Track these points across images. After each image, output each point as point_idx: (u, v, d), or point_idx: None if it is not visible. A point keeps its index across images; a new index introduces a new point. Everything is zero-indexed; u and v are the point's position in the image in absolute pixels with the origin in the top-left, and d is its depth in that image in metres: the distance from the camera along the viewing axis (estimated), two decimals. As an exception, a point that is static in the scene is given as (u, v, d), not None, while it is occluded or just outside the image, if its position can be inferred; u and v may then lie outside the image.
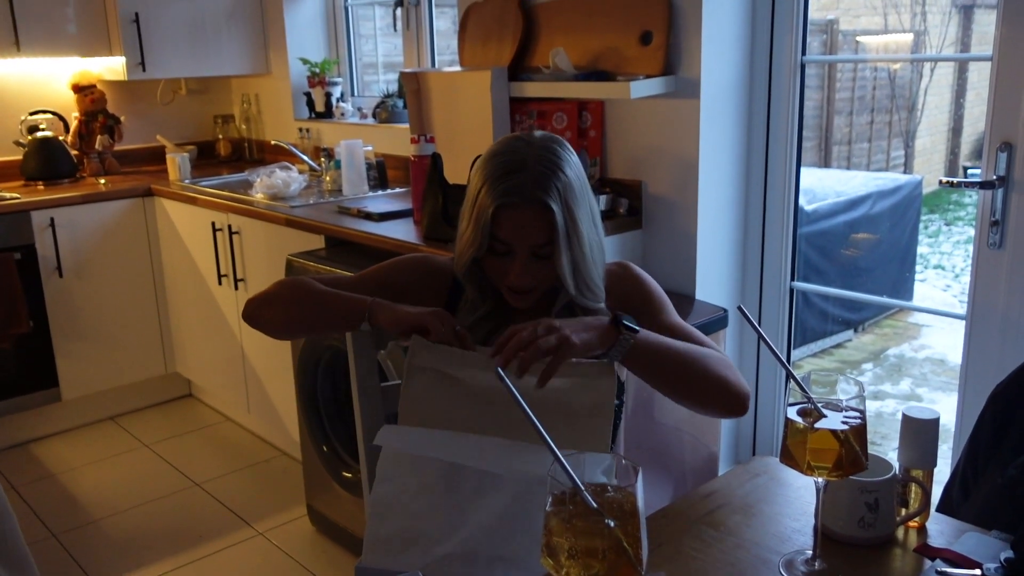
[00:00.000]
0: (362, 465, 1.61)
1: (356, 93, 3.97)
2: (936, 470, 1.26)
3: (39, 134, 3.69)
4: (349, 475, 2.59)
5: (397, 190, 3.23)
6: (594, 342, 1.20)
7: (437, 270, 1.49)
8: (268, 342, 3.13)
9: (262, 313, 1.46)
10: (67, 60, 3.78)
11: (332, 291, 1.42)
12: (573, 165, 1.34)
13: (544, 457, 1.14)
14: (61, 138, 3.78)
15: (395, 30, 3.61)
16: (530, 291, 1.37)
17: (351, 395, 1.57)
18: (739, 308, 1.20)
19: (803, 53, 2.31)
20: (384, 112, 3.50)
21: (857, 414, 1.06)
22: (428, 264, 1.50)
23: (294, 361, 2.70)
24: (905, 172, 4.60)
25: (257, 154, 4.20)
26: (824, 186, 3.97)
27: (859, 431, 1.05)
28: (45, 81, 3.84)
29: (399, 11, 3.53)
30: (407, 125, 3.20)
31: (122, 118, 3.92)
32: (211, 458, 3.36)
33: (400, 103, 3.46)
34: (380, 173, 3.30)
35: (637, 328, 1.24)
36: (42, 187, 3.60)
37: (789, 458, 1.09)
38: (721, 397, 1.30)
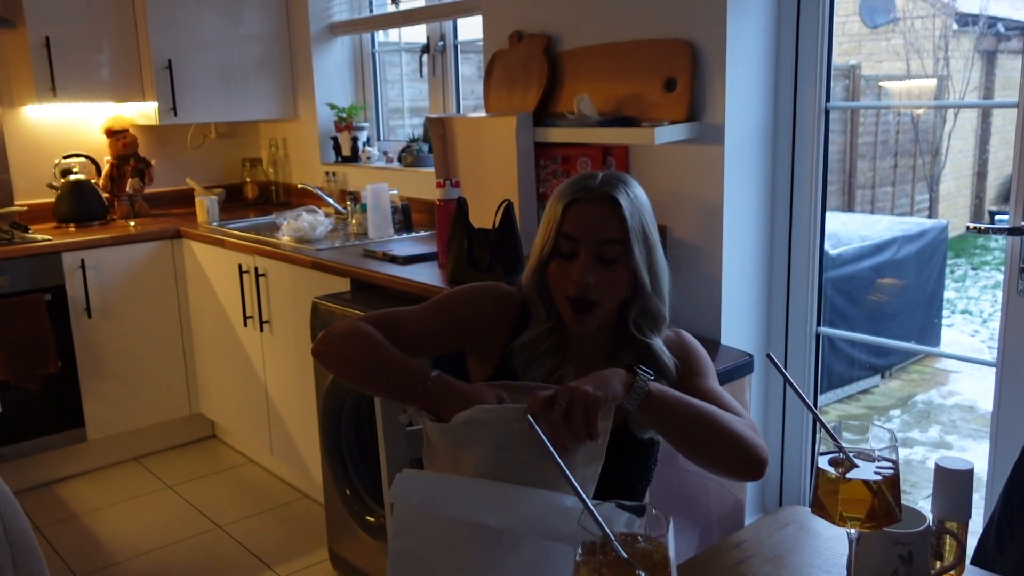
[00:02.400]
0: (387, 510, 1.61)
1: (382, 137, 4.02)
2: (970, 521, 1.23)
3: (72, 177, 3.77)
4: (372, 519, 2.58)
5: (422, 233, 3.26)
6: (619, 392, 1.20)
7: (505, 298, 1.49)
8: (292, 384, 3.14)
9: (337, 359, 1.41)
10: (101, 105, 3.87)
11: (404, 360, 1.34)
12: (643, 192, 1.41)
13: (567, 508, 1.13)
14: (93, 181, 3.85)
15: (421, 76, 3.67)
16: (591, 306, 1.36)
17: (375, 438, 1.57)
18: (768, 355, 1.20)
19: (827, 99, 2.32)
20: (409, 156, 3.54)
21: (890, 464, 1.05)
22: (496, 292, 1.50)
23: (318, 403, 2.70)
24: (930, 216, 4.58)
25: (284, 197, 4.26)
26: (848, 230, 3.96)
27: (892, 481, 1.03)
28: (79, 125, 3.93)
29: (425, 57, 3.59)
30: (432, 169, 3.24)
31: (153, 161, 4.00)
32: (234, 500, 3.35)
33: (425, 147, 3.50)
34: (405, 216, 3.34)
35: (652, 374, 1.24)
36: (73, 229, 3.67)
37: (820, 508, 1.07)
38: (736, 456, 1.27)
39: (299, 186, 3.97)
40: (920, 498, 2.68)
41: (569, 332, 1.44)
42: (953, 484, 1.19)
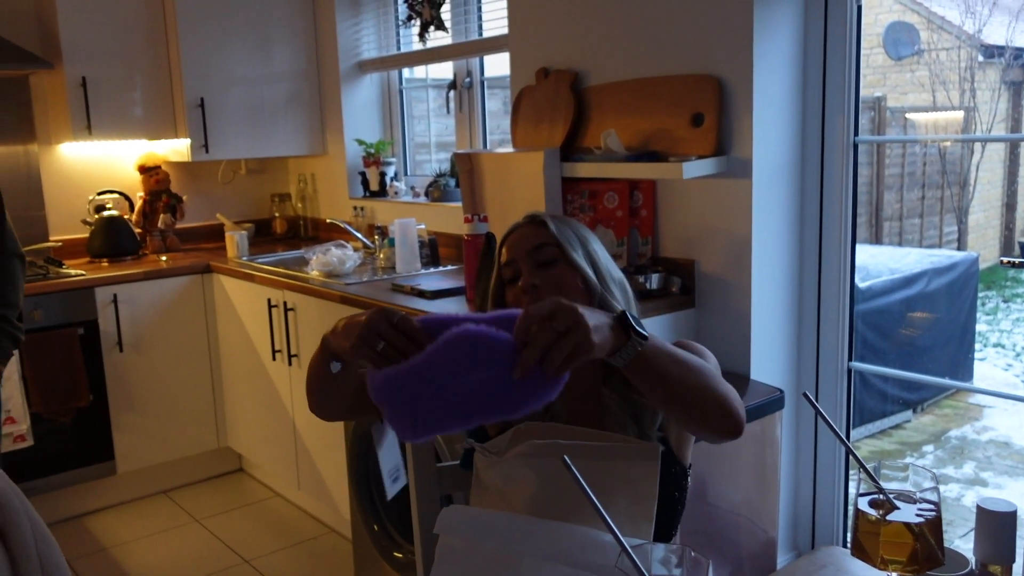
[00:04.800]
0: (417, 547, 1.60)
1: (409, 172, 4.06)
2: (1015, 564, 1.21)
3: (105, 213, 3.83)
4: (400, 555, 2.57)
5: (448, 268, 3.27)
6: (607, 346, 1.09)
7: None
8: (320, 419, 3.15)
9: (311, 401, 1.44)
10: (135, 142, 3.94)
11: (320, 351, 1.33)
12: (585, 228, 1.47)
13: (605, 544, 1.12)
14: (126, 217, 3.91)
15: (447, 111, 3.71)
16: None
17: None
18: (804, 395, 1.19)
19: (856, 133, 2.32)
20: (436, 191, 3.57)
21: (931, 506, 1.03)
22: None
23: (346, 438, 2.71)
24: (959, 248, 4.54)
25: (312, 232, 4.30)
26: (877, 263, 3.93)
27: (935, 524, 1.02)
28: (113, 162, 4.00)
29: (452, 93, 3.63)
30: (458, 204, 3.26)
31: (184, 197, 4.06)
32: (261, 534, 3.35)
33: (452, 182, 3.53)
34: (432, 251, 3.36)
35: (647, 334, 1.13)
36: (106, 264, 3.72)
37: (860, 551, 1.06)
38: (718, 413, 1.20)
39: (327, 221, 4.01)
40: (956, 537, 2.63)
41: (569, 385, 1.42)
42: (996, 526, 1.17)
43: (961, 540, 2.29)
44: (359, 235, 3.70)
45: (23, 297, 2.54)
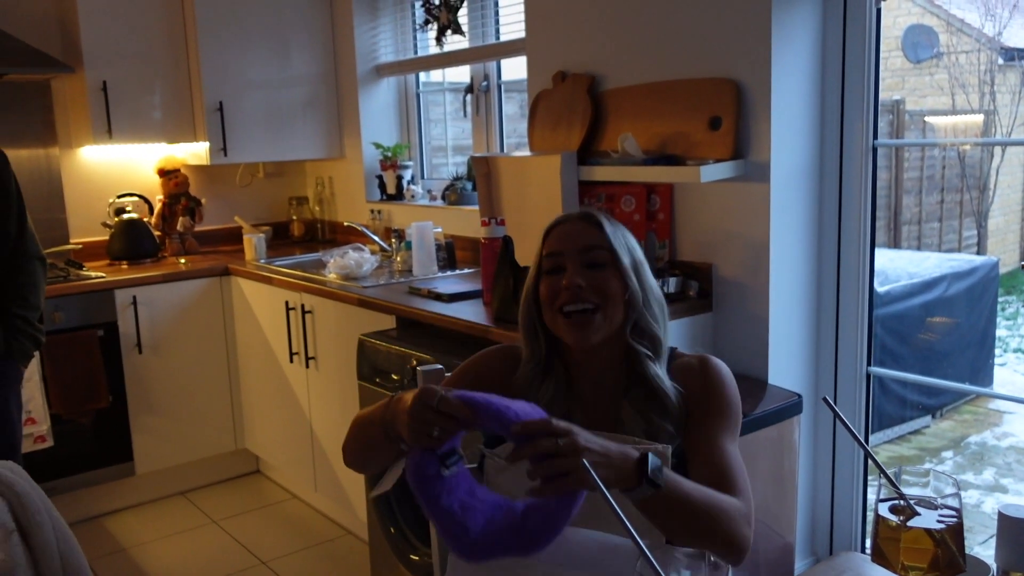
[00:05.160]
0: (433, 550, 1.61)
1: (426, 176, 4.07)
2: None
3: (125, 216, 3.86)
4: (416, 558, 2.57)
5: (465, 271, 3.28)
6: (611, 479, 1.08)
7: (511, 358, 1.46)
8: (337, 420, 3.16)
9: (347, 457, 1.41)
10: (154, 146, 3.98)
11: (372, 412, 1.31)
12: (624, 226, 1.42)
13: (621, 548, 1.12)
14: (145, 220, 3.94)
15: (464, 115, 3.72)
16: (588, 314, 1.31)
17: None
18: (824, 399, 1.18)
19: (875, 136, 2.31)
20: (453, 194, 3.58)
21: (953, 512, 1.03)
22: (501, 353, 1.48)
23: (363, 440, 2.71)
24: (978, 252, 4.50)
25: (330, 235, 4.32)
26: (896, 267, 3.90)
27: (956, 530, 1.01)
28: (133, 166, 4.03)
29: (469, 97, 3.64)
30: (475, 207, 3.27)
31: (203, 200, 4.09)
32: (277, 536, 3.37)
33: (468, 185, 3.54)
34: (449, 254, 3.36)
35: (660, 483, 1.12)
36: (126, 266, 3.75)
37: (881, 557, 1.05)
38: (718, 552, 1.18)
39: (345, 224, 4.03)
40: (976, 544, 2.60)
41: (575, 374, 1.39)
42: (1018, 533, 1.16)
43: (981, 547, 2.27)
44: (376, 238, 3.71)
45: (44, 299, 2.57)
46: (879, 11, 2.27)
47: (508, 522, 1.09)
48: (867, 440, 2.49)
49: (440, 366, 1.59)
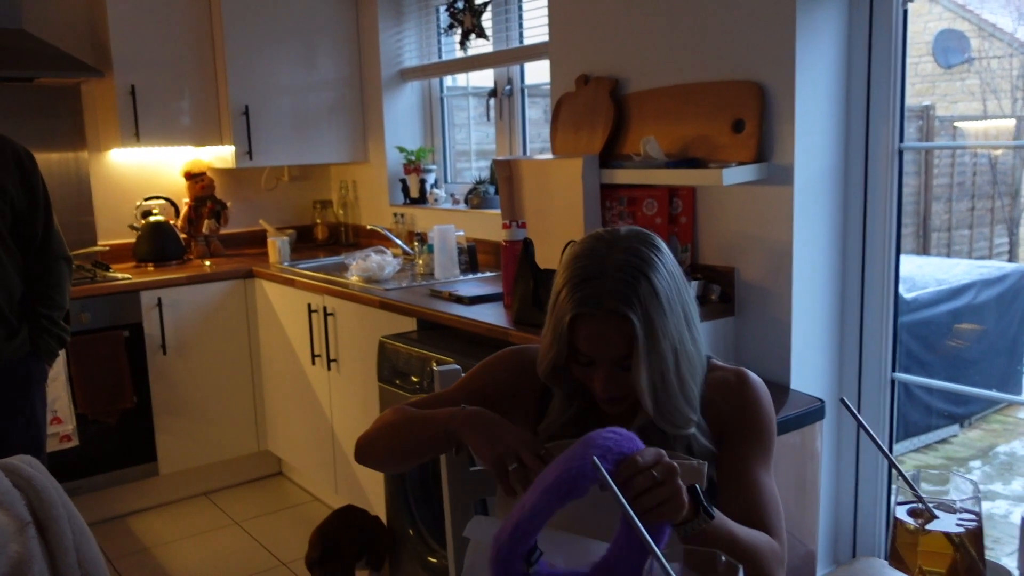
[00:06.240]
0: (450, 552, 1.60)
1: (449, 180, 4.08)
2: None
3: (152, 219, 3.91)
4: (434, 560, 2.57)
5: (487, 274, 3.28)
6: (685, 514, 1.06)
7: (531, 362, 1.41)
8: (358, 422, 3.17)
9: (369, 450, 1.41)
10: (181, 149, 4.02)
11: (425, 412, 1.33)
12: (661, 270, 1.22)
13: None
14: (172, 222, 3.98)
15: (488, 119, 3.72)
16: (621, 399, 1.28)
17: (439, 479, 1.57)
18: (841, 400, 1.16)
19: (901, 139, 2.28)
20: (476, 198, 3.58)
21: (972, 516, 1.00)
22: (522, 357, 1.45)
23: (383, 442, 2.72)
24: (1009, 260, 4.43)
25: (353, 238, 4.34)
26: (924, 274, 3.85)
27: (975, 535, 0.99)
28: (159, 169, 4.08)
29: (492, 101, 3.65)
30: (497, 211, 3.27)
31: (228, 203, 4.12)
32: (299, 537, 3.37)
33: (491, 189, 3.54)
34: (471, 257, 3.37)
35: (714, 514, 1.10)
36: (152, 268, 3.79)
37: (899, 561, 1.03)
38: None
39: (368, 227, 4.04)
40: (1003, 555, 2.55)
41: (601, 413, 1.34)
42: (1041, 539, 1.14)
43: (1008, 558, 2.23)
44: (399, 241, 3.73)
45: (69, 299, 2.60)
46: (906, 12, 2.24)
47: None
48: (891, 448, 2.45)
49: (457, 366, 1.59)
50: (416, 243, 3.55)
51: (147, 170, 4.05)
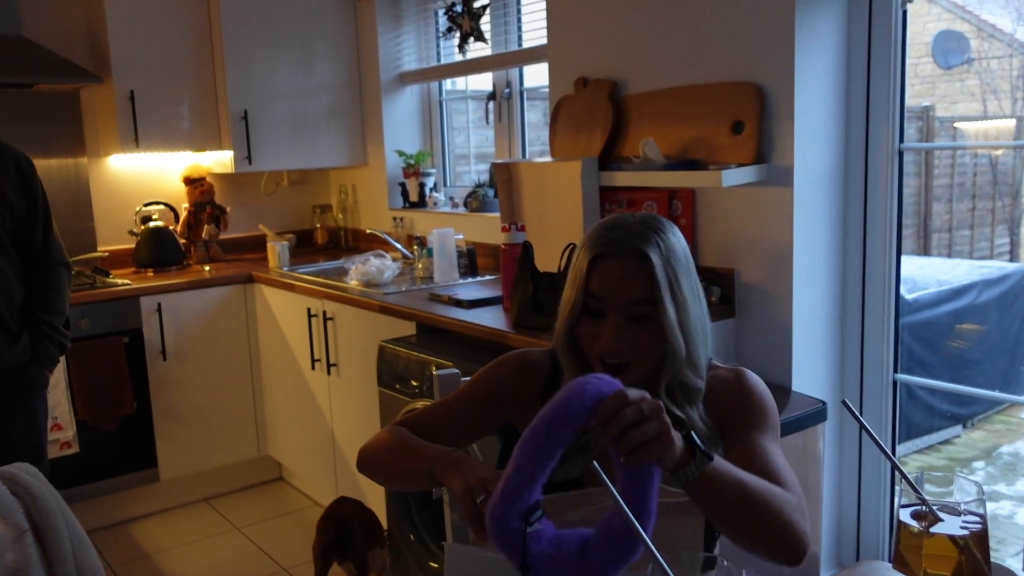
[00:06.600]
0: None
1: (448, 183, 4.08)
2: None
3: (151, 224, 3.90)
4: (436, 565, 2.56)
5: (487, 277, 3.27)
6: (677, 455, 1.06)
7: (533, 365, 1.43)
8: (358, 427, 3.16)
9: (370, 464, 1.40)
10: (180, 154, 4.02)
11: (419, 444, 1.31)
12: (678, 236, 1.29)
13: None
14: (171, 228, 3.98)
15: (487, 123, 3.72)
16: (624, 367, 1.26)
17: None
18: (843, 402, 1.16)
19: (901, 140, 2.27)
20: (475, 201, 3.58)
21: (977, 518, 0.99)
22: (523, 360, 1.44)
23: (383, 447, 2.71)
24: (1011, 260, 4.42)
25: (353, 242, 4.33)
26: (925, 274, 3.84)
27: (980, 537, 0.98)
28: (159, 174, 4.08)
29: (491, 104, 3.64)
30: (497, 214, 3.27)
31: (228, 208, 4.12)
32: (299, 543, 3.37)
33: (491, 192, 3.53)
34: (470, 261, 3.36)
35: (711, 455, 1.10)
36: (151, 274, 3.79)
37: (903, 564, 1.02)
38: (778, 545, 1.14)
39: (367, 231, 4.04)
40: (1008, 555, 2.54)
41: None
42: (1046, 541, 1.13)
43: (1013, 559, 2.21)
44: (398, 245, 3.72)
45: (69, 305, 2.59)
46: (905, 12, 2.23)
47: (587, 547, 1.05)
48: (894, 449, 2.44)
49: (457, 371, 1.58)
50: (415, 247, 3.54)
51: (146, 176, 4.05)
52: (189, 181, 4.07)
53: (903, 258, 2.36)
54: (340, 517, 2.82)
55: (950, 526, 0.99)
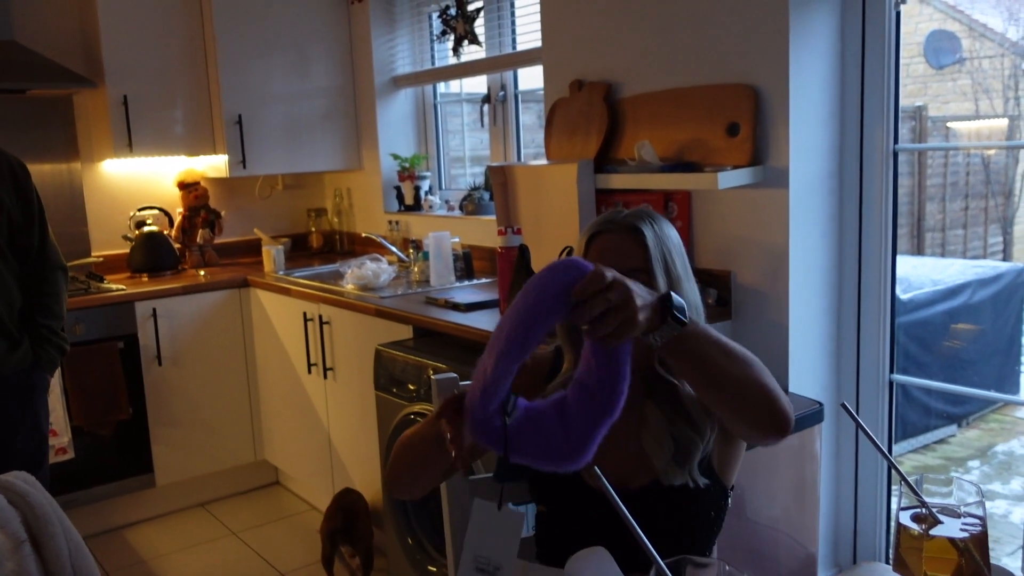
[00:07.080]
0: (449, 560, 1.59)
1: (444, 186, 4.07)
2: (1065, 582, 1.16)
3: (146, 229, 3.89)
4: (434, 569, 2.55)
5: (483, 280, 3.27)
6: (649, 325, 1.09)
7: (536, 360, 1.48)
8: (355, 431, 3.16)
9: (396, 481, 1.40)
10: (174, 159, 4.01)
11: (418, 425, 1.36)
12: (671, 227, 1.39)
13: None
14: (166, 232, 3.97)
15: (482, 125, 3.72)
16: None
17: (438, 488, 1.56)
18: (843, 405, 1.16)
19: (895, 141, 2.28)
20: (470, 204, 3.58)
21: (977, 520, 1.00)
22: (546, 359, 1.50)
23: (380, 452, 2.71)
24: (1004, 259, 4.44)
25: (348, 246, 4.33)
26: (919, 274, 3.85)
27: (980, 539, 0.98)
28: (153, 179, 4.06)
29: (486, 107, 3.64)
30: (492, 217, 3.26)
31: (222, 213, 4.11)
32: (296, 547, 3.36)
33: (486, 195, 3.53)
34: (466, 264, 3.36)
35: (686, 319, 1.12)
36: (146, 279, 3.78)
37: (902, 566, 1.02)
38: (764, 408, 1.17)
39: (363, 235, 4.03)
40: (1004, 555, 2.55)
41: None
42: (1045, 542, 1.13)
43: (1009, 558, 2.22)
44: (394, 249, 3.72)
45: (66, 308, 2.59)
46: (899, 13, 2.24)
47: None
48: (890, 450, 2.44)
49: (454, 374, 1.58)
50: (411, 250, 3.54)
51: (140, 180, 4.04)
52: (183, 186, 4.06)
53: (898, 258, 2.37)
54: (347, 505, 2.92)
55: (950, 528, 1.00)
